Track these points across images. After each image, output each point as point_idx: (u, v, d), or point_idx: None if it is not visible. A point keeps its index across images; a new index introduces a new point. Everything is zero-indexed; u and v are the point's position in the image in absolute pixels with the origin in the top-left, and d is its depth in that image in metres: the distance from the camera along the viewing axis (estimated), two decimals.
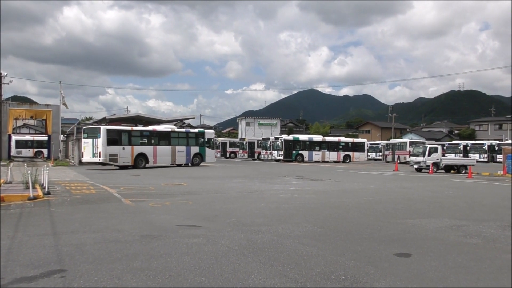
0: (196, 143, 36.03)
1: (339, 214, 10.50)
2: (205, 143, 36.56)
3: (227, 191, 15.51)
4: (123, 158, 30.87)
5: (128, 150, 31.19)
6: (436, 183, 21.24)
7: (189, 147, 35.41)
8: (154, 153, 32.90)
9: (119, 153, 30.58)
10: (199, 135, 36.68)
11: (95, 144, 30.19)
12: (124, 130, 32.16)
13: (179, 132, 36.37)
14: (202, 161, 36.36)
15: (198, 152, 35.89)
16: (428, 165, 30.73)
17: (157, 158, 33.02)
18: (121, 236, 7.45)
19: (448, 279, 5.26)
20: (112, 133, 30.90)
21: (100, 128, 30.70)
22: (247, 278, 5.12)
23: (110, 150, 30.12)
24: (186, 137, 35.83)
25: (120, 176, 22.59)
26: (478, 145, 57.95)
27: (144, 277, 5.11)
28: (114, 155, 30.29)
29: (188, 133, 36.69)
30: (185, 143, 35.32)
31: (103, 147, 29.75)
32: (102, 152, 29.75)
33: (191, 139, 36.00)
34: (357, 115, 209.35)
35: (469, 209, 12.02)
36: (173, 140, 34.65)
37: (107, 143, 30.04)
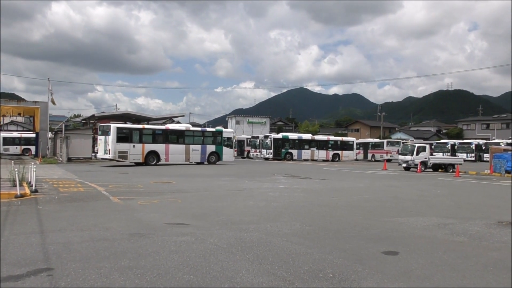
0: (213, 142, 36.48)
1: (328, 212, 10.55)
2: (223, 142, 36.92)
3: (216, 189, 15.50)
4: (133, 155, 31.77)
5: (138, 147, 32.01)
6: (424, 181, 21.41)
7: (205, 146, 35.84)
8: (166, 151, 33.55)
9: (129, 150, 31.52)
10: (216, 134, 37.10)
11: (106, 141, 31.40)
12: (135, 128, 33.25)
13: (194, 130, 36.92)
14: (219, 159, 36.64)
15: (214, 151, 36.27)
16: (416, 164, 30.96)
17: (169, 156, 33.64)
18: (109, 234, 7.41)
19: (434, 276, 5.32)
20: (122, 131, 32.00)
21: (110, 126, 31.63)
22: (235, 276, 5.13)
23: (120, 147, 31.14)
24: (201, 135, 36.30)
25: (109, 174, 22.47)
26: (466, 144, 58.49)
27: (132, 276, 5.09)
28: (124, 152, 31.28)
29: (204, 132, 37.13)
30: (201, 141, 35.84)
31: (112, 144, 30.80)
32: (112, 149, 30.81)
33: (207, 138, 36.48)
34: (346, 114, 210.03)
35: (456, 207, 12.13)
36: (188, 138, 35.25)
37: (117, 140, 31.06)
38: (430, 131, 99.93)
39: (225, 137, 37.35)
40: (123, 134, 31.79)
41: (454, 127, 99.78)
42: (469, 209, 11.79)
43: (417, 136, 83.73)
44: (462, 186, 19.39)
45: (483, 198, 14.80)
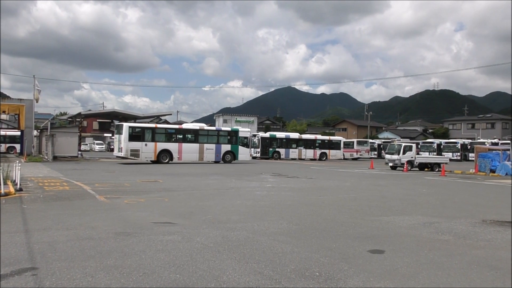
0: (229, 141, 36.78)
1: (315, 211, 10.58)
2: (238, 141, 37.15)
3: (204, 188, 15.46)
4: (145, 154, 32.70)
5: (150, 146, 32.81)
6: (410, 181, 21.58)
7: (220, 145, 36.12)
8: (179, 149, 34.16)
9: (141, 149, 32.41)
10: (232, 133, 37.40)
11: (119, 140, 32.78)
12: (148, 127, 34.18)
13: (209, 130, 37.20)
14: (235, 159, 36.87)
15: (230, 150, 36.55)
16: (403, 163, 31.18)
17: (182, 155, 34.22)
18: (95, 233, 7.36)
19: (419, 274, 5.36)
20: (134, 130, 33.02)
21: (123, 125, 32.92)
22: (222, 275, 5.12)
23: (132, 145, 32.11)
24: (216, 135, 36.65)
25: (95, 173, 22.30)
26: (451, 143, 59.06)
27: (118, 275, 5.06)
28: (136, 151, 32.23)
29: (219, 131, 37.55)
30: (215, 141, 36.16)
31: (125, 143, 31.89)
32: (124, 147, 31.94)
33: (222, 137, 36.82)
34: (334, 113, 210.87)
35: (441, 206, 12.24)
36: (201, 137, 35.64)
37: (129, 139, 32.05)
38: (416, 131, 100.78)
39: (241, 136, 37.69)
40: (135, 133, 32.70)
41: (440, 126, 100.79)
42: (454, 208, 11.91)
43: (403, 136, 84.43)
44: (448, 185, 19.58)
45: (468, 197, 14.97)
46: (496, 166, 29.61)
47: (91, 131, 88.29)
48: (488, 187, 19.51)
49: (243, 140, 37.72)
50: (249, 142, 39.56)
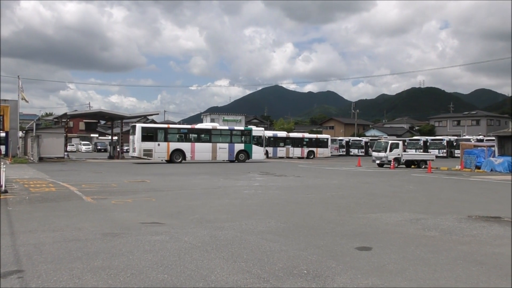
0: (242, 141, 37.12)
1: (303, 209, 10.61)
2: (253, 141, 37.40)
3: (191, 188, 15.42)
4: (158, 154, 33.62)
5: (163, 146, 33.69)
6: (397, 178, 21.74)
7: (233, 144, 36.48)
8: (192, 149, 34.78)
9: (154, 149, 33.36)
10: (245, 132, 37.86)
11: (133, 140, 33.90)
12: (160, 128, 35.53)
13: (221, 129, 37.75)
14: (249, 158, 37.15)
15: (243, 149, 36.86)
16: (390, 161, 31.39)
17: (195, 154, 34.84)
18: (82, 234, 7.30)
19: (406, 271, 5.40)
20: (147, 130, 34.27)
21: (136, 126, 34.03)
22: (210, 275, 5.11)
23: (145, 145, 33.12)
24: (229, 134, 37.04)
25: (82, 173, 22.11)
26: (438, 140, 59.62)
27: (105, 276, 5.03)
28: (149, 151, 33.21)
29: (232, 130, 37.99)
30: (228, 140, 36.58)
31: (138, 143, 32.97)
32: (137, 147, 33.02)
33: (236, 136, 37.17)
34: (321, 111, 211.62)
35: (428, 203, 12.35)
36: (214, 137, 36.13)
37: (142, 139, 33.12)
38: (403, 128, 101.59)
39: (255, 135, 37.98)
40: (148, 134, 33.73)
41: (426, 124, 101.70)
42: (440, 204, 12.02)
43: (390, 133, 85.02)
44: (434, 182, 19.76)
45: (454, 193, 15.12)
46: (481, 163, 29.97)
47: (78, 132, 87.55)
48: (473, 183, 19.73)
49: (257, 139, 38.03)
50: (263, 141, 39.69)
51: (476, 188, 17.39)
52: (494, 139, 32.28)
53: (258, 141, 38.17)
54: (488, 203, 12.43)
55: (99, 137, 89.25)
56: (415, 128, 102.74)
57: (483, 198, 13.95)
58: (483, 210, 10.72)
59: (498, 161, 28.70)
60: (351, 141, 65.60)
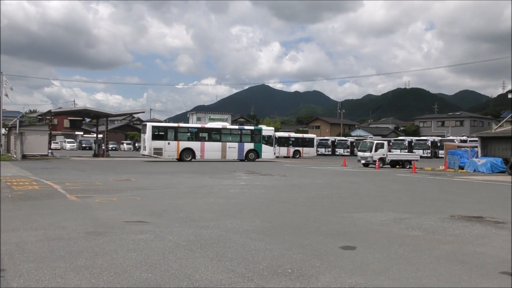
0: (252, 140, 37.40)
1: (288, 208, 10.64)
2: (262, 140, 37.57)
3: (177, 186, 15.37)
4: (168, 152, 34.23)
5: (173, 144, 34.36)
6: (381, 177, 21.90)
7: (243, 144, 36.84)
8: (201, 148, 35.19)
9: (164, 147, 34.02)
10: (255, 132, 38.13)
11: (143, 139, 34.71)
12: (170, 127, 36.25)
13: (231, 129, 38.35)
14: (258, 157, 37.36)
15: (253, 149, 37.14)
16: (375, 161, 31.62)
17: (205, 153, 35.22)
18: (65, 233, 7.23)
19: (390, 270, 5.45)
20: (157, 129, 34.90)
21: (146, 124, 35.01)
22: (194, 274, 5.10)
23: (155, 144, 33.79)
24: (239, 134, 37.47)
25: (66, 171, 21.90)
26: (422, 141, 60.23)
27: (88, 275, 4.98)
28: (159, 149, 33.87)
29: (242, 130, 38.42)
30: (238, 139, 36.96)
31: (148, 142, 33.72)
32: (148, 146, 33.75)
33: (245, 136, 37.47)
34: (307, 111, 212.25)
35: (412, 202, 12.47)
36: (224, 136, 36.47)
37: (152, 138, 33.79)
38: (388, 128, 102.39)
39: (265, 135, 38.11)
40: (158, 132, 34.43)
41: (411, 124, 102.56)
42: (424, 204, 12.13)
43: (376, 133, 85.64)
44: (418, 182, 19.95)
45: (437, 193, 15.27)
46: (464, 163, 30.34)
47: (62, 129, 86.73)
48: (456, 183, 19.96)
49: (267, 138, 38.17)
50: (273, 140, 39.80)
51: (459, 188, 17.60)
52: (477, 140, 32.69)
53: (268, 140, 38.36)
54: (470, 203, 12.59)
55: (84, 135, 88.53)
56: (400, 129, 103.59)
57: (465, 198, 14.13)
58: (466, 210, 10.86)
59: (481, 162, 29.07)
60: (337, 141, 65.90)
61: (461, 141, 50.31)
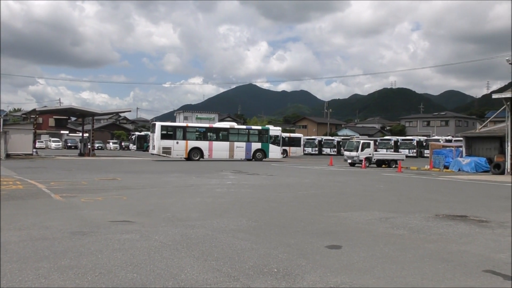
0: (259, 140, 37.66)
1: (274, 208, 10.65)
2: (269, 140, 37.82)
3: (163, 186, 15.31)
4: (177, 151, 34.79)
5: (182, 144, 34.84)
6: (368, 177, 22.04)
7: (250, 143, 37.14)
8: (209, 147, 35.53)
9: (173, 147, 34.58)
10: (262, 132, 38.42)
11: (152, 138, 35.38)
12: (179, 126, 36.89)
13: (239, 128, 38.78)
14: (265, 156, 37.62)
15: (260, 148, 37.39)
16: (361, 160, 31.81)
17: (213, 152, 35.57)
18: (49, 233, 7.16)
19: (375, 268, 5.49)
20: (166, 129, 35.45)
21: (155, 124, 35.59)
22: (180, 274, 5.09)
23: (164, 143, 34.37)
24: (247, 133, 37.82)
25: (51, 171, 21.69)
26: (408, 140, 60.77)
27: (72, 275, 4.94)
28: (167, 148, 34.44)
29: (250, 130, 38.92)
30: (246, 139, 37.27)
31: (157, 141, 34.35)
32: (156, 145, 34.39)
33: (253, 135, 37.78)
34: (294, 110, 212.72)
35: (397, 202, 12.56)
36: (232, 136, 36.78)
37: (161, 137, 34.38)
38: (374, 128, 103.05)
39: (272, 135, 38.36)
40: (167, 132, 34.99)
41: (397, 124, 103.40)
42: (409, 203, 12.24)
43: (362, 133, 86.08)
44: (404, 181, 20.11)
45: (422, 193, 15.41)
46: (449, 162, 30.66)
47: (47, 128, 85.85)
48: (441, 182, 20.16)
49: (274, 138, 38.37)
50: (280, 140, 39.98)
51: (444, 187, 17.78)
52: (462, 139, 33.06)
53: (275, 140, 38.68)
54: (455, 202, 12.72)
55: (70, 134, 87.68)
56: (386, 128, 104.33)
57: (450, 197, 14.27)
58: (450, 209, 10.97)
59: (465, 161, 29.41)
60: (323, 141, 66.18)
61: (446, 140, 50.81)
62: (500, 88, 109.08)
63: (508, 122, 26.84)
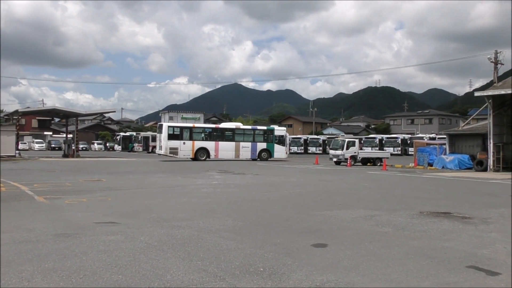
0: (265, 140, 37.96)
1: (260, 207, 10.66)
2: (274, 140, 38.07)
3: (149, 187, 15.23)
4: (184, 152, 35.19)
5: (188, 144, 35.27)
6: (353, 175, 22.17)
7: (255, 143, 37.43)
8: (216, 147, 35.85)
9: (180, 147, 34.98)
10: (267, 132, 38.71)
11: (160, 138, 35.79)
12: (185, 127, 36.91)
13: (244, 129, 38.99)
14: (271, 156, 37.86)
15: (266, 148, 37.67)
16: (346, 158, 32.00)
17: (219, 152, 35.89)
18: (33, 235, 7.07)
19: (360, 266, 5.52)
20: (173, 129, 35.81)
21: (162, 125, 36.19)
22: (166, 274, 5.07)
23: (171, 144, 34.81)
24: (252, 133, 38.07)
25: (34, 173, 21.44)
26: (392, 139, 61.30)
27: (56, 278, 4.89)
28: (174, 149, 34.87)
29: (255, 130, 39.09)
30: (251, 139, 37.53)
31: (164, 141, 34.78)
32: (164, 145, 34.83)
33: (258, 135, 38.05)
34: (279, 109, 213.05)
35: (382, 199, 12.66)
36: (238, 136, 37.09)
37: (168, 138, 34.82)
38: (359, 126, 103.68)
39: (277, 135, 38.64)
40: (174, 132, 35.34)
41: (382, 122, 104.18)
42: (394, 201, 12.34)
43: (347, 131, 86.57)
44: (389, 179, 20.28)
45: (407, 190, 15.56)
46: (433, 160, 31.01)
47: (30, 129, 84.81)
48: (425, 180, 20.37)
49: (279, 138, 38.58)
50: (285, 140, 40.12)
51: (428, 185, 17.96)
52: (445, 137, 33.43)
53: (280, 140, 38.92)
54: (438, 200, 12.86)
55: (53, 135, 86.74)
56: (371, 127, 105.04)
57: (434, 194, 14.42)
58: (434, 206, 11.09)
59: (449, 159, 29.77)
60: (309, 139, 66.42)
61: (430, 138, 51.34)
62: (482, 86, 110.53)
63: (490, 119, 27.24)
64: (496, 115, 27.44)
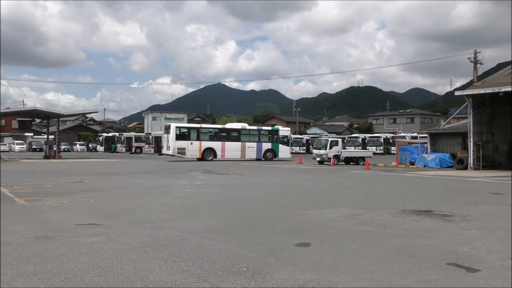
0: (269, 140, 38.31)
1: (244, 207, 10.67)
2: (279, 140, 38.39)
3: (131, 187, 15.11)
4: (191, 152, 35.72)
5: (196, 144, 35.79)
6: (336, 174, 22.30)
7: (261, 144, 37.79)
8: (222, 148, 36.59)
9: (187, 147, 35.49)
10: (272, 132, 38.99)
11: (167, 139, 36.12)
12: (193, 127, 37.56)
13: (250, 129, 39.18)
14: (275, 156, 38.16)
15: (270, 148, 38.04)
16: (330, 158, 32.16)
17: (225, 153, 36.33)
18: (13, 238, 6.97)
19: (343, 265, 5.56)
20: (180, 130, 36.34)
21: (170, 125, 36.47)
22: (148, 276, 5.04)
23: (179, 144, 35.33)
24: (257, 134, 38.42)
25: (15, 174, 21.11)
26: (375, 138, 61.81)
27: (37, 281, 4.83)
28: (182, 149, 35.36)
29: (260, 130, 39.41)
30: (257, 139, 37.95)
31: (172, 142, 35.30)
32: (171, 146, 35.32)
33: (263, 136, 38.45)
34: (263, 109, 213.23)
35: (365, 198, 12.75)
36: (243, 136, 37.53)
37: (175, 138, 35.39)
38: (342, 126, 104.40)
39: (281, 135, 38.99)
40: (181, 133, 35.92)
41: (365, 121, 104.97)
42: (376, 200, 12.44)
43: (330, 131, 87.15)
44: (371, 178, 20.44)
45: (389, 189, 15.70)
46: (415, 159, 31.36)
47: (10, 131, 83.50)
48: (407, 178, 20.58)
49: (283, 138, 38.93)
50: (289, 140, 40.57)
51: (410, 183, 18.16)
52: (427, 136, 33.83)
53: (284, 140, 39.23)
54: (420, 198, 13.00)
55: (34, 136, 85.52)
56: (354, 126, 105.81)
57: (416, 193, 14.58)
58: (416, 205, 11.21)
59: (430, 157, 30.13)
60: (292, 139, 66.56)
61: (412, 137, 51.92)
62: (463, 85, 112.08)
63: (470, 118, 27.64)
64: (476, 114, 27.86)
